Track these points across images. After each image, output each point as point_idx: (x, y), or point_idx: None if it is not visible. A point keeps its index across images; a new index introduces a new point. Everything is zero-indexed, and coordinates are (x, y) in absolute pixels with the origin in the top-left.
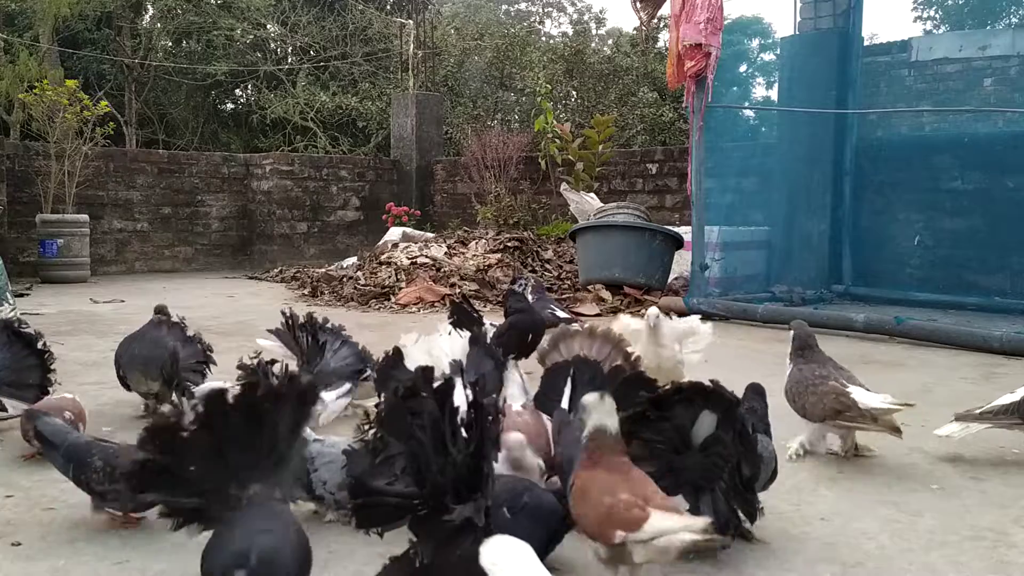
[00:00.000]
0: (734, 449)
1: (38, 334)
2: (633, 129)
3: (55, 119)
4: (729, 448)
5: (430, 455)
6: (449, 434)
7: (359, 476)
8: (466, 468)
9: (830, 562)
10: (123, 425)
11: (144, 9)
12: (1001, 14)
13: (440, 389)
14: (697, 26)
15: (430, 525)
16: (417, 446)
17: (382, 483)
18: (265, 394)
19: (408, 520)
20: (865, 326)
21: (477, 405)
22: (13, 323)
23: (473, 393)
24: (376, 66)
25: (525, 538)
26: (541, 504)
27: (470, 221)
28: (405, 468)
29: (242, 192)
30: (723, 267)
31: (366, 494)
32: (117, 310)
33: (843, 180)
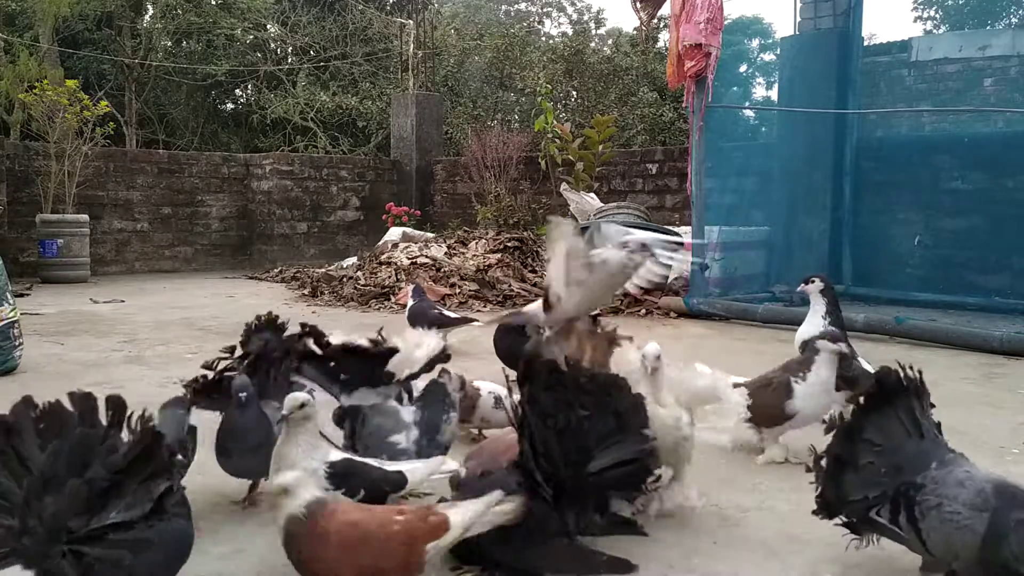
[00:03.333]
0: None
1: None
2: (633, 129)
3: (55, 119)
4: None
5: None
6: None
7: None
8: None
9: (830, 562)
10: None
11: (144, 9)
12: (1001, 14)
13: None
14: (697, 26)
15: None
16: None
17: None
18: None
19: None
20: (865, 326)
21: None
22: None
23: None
24: (376, 66)
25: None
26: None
27: (470, 221)
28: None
29: (242, 192)
30: (723, 267)
31: None
32: (117, 310)
33: (843, 180)
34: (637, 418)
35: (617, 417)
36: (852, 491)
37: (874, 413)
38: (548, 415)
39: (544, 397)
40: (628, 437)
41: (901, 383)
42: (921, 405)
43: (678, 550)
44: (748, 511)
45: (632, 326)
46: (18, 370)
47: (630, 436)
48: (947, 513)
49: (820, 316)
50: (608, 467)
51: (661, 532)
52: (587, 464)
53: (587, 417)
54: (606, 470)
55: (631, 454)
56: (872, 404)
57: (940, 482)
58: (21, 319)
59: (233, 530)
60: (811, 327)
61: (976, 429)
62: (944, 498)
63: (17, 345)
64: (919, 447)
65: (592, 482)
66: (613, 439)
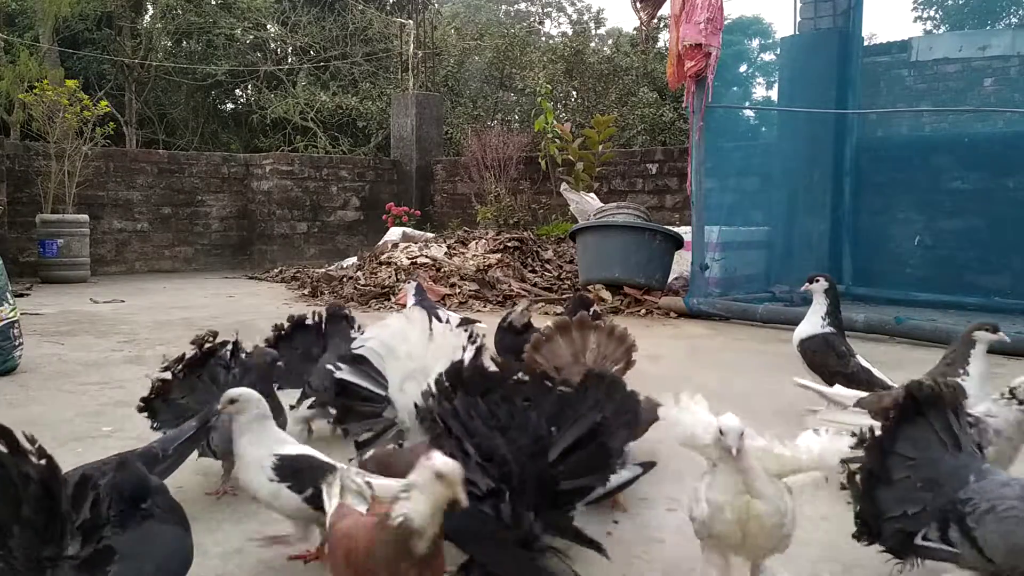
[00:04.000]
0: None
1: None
2: (633, 129)
3: (55, 119)
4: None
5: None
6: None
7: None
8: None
9: (830, 562)
10: (122, 426)
11: (144, 9)
12: (1001, 14)
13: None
14: (697, 26)
15: None
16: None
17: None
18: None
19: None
20: (865, 326)
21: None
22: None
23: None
24: (376, 66)
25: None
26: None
27: (470, 221)
28: None
29: (242, 192)
30: (723, 267)
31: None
32: (117, 310)
33: (843, 180)
34: (583, 395)
35: (561, 398)
36: (889, 507)
37: (906, 425)
38: (490, 415)
39: (481, 402)
40: (579, 413)
41: (934, 395)
42: (958, 418)
43: (678, 551)
44: None
45: (632, 326)
46: (18, 370)
47: (581, 411)
48: (1002, 512)
49: (820, 316)
50: (568, 450)
51: (661, 532)
52: (546, 453)
53: (530, 406)
54: (567, 454)
55: (587, 427)
56: (904, 416)
57: (984, 490)
58: (21, 319)
59: (233, 530)
60: (810, 326)
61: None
62: (995, 500)
63: (17, 345)
64: (957, 461)
65: (557, 472)
66: (564, 417)
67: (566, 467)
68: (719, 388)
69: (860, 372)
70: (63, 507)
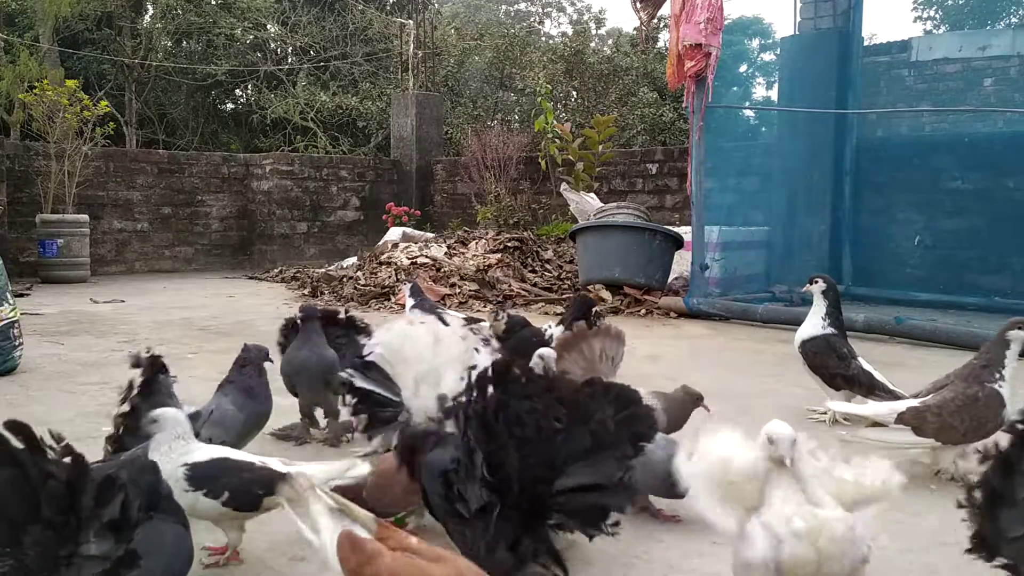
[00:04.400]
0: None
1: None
2: (633, 129)
3: (55, 119)
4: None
5: None
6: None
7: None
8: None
9: None
10: None
11: (144, 9)
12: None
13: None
14: (697, 26)
15: None
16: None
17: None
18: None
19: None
20: (865, 326)
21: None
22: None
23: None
24: (376, 66)
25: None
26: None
27: (470, 221)
28: None
29: (242, 192)
30: (723, 267)
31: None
32: (117, 310)
33: (843, 180)
34: (619, 442)
35: (594, 436)
36: (1010, 527)
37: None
38: (517, 423)
39: (515, 404)
40: (603, 459)
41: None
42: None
43: (678, 550)
44: None
45: (632, 326)
46: (18, 370)
47: (606, 458)
48: None
49: (820, 317)
50: (574, 489)
51: (661, 533)
52: (553, 481)
53: (560, 431)
54: (573, 491)
55: (604, 479)
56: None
57: None
58: (21, 319)
59: None
60: (811, 328)
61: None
62: None
63: (17, 345)
64: None
65: (553, 503)
66: (586, 459)
67: (565, 501)
68: (719, 388)
69: (861, 374)
70: (87, 505)
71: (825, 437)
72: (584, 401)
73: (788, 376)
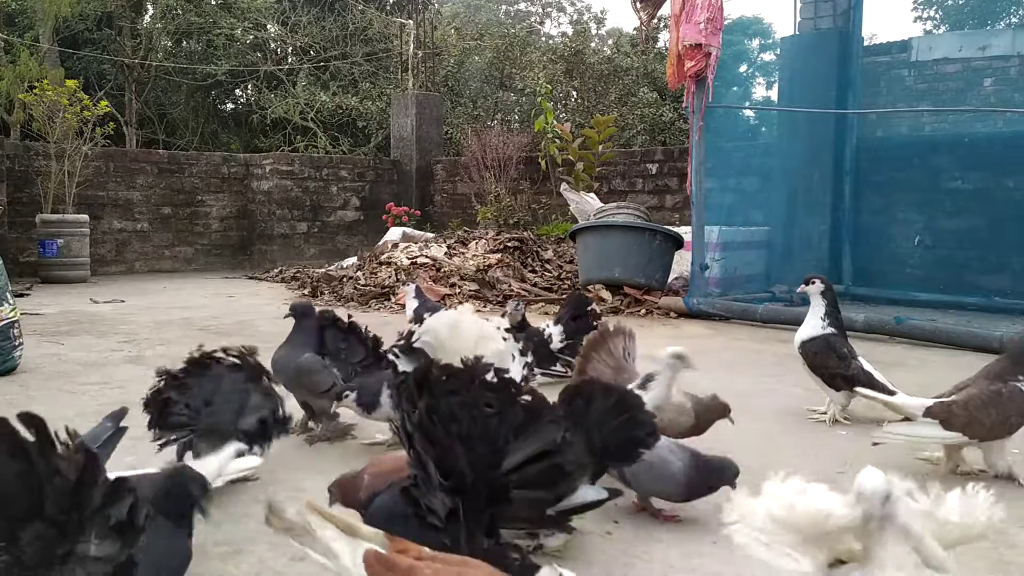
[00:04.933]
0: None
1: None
2: (633, 129)
3: (55, 119)
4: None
5: None
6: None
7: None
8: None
9: None
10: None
11: (144, 9)
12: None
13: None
14: (697, 26)
15: None
16: None
17: None
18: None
19: None
20: (865, 326)
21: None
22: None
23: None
24: (376, 66)
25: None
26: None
27: (470, 221)
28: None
29: (242, 192)
30: (723, 267)
31: None
32: (117, 310)
33: (843, 180)
34: (548, 408)
35: (527, 409)
36: None
37: None
38: (452, 420)
39: (445, 403)
40: (541, 426)
41: None
42: None
43: (678, 550)
44: None
45: (632, 326)
46: (18, 370)
47: (543, 425)
48: None
49: (819, 317)
50: (524, 462)
51: (661, 532)
52: (501, 463)
53: (495, 414)
54: (523, 466)
55: (547, 444)
56: None
57: None
58: (21, 319)
59: (233, 530)
60: (810, 328)
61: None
62: None
63: (17, 345)
64: None
65: (507, 482)
66: (526, 430)
67: (519, 478)
68: (719, 388)
69: (861, 374)
70: (93, 505)
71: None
72: (508, 380)
73: (788, 376)
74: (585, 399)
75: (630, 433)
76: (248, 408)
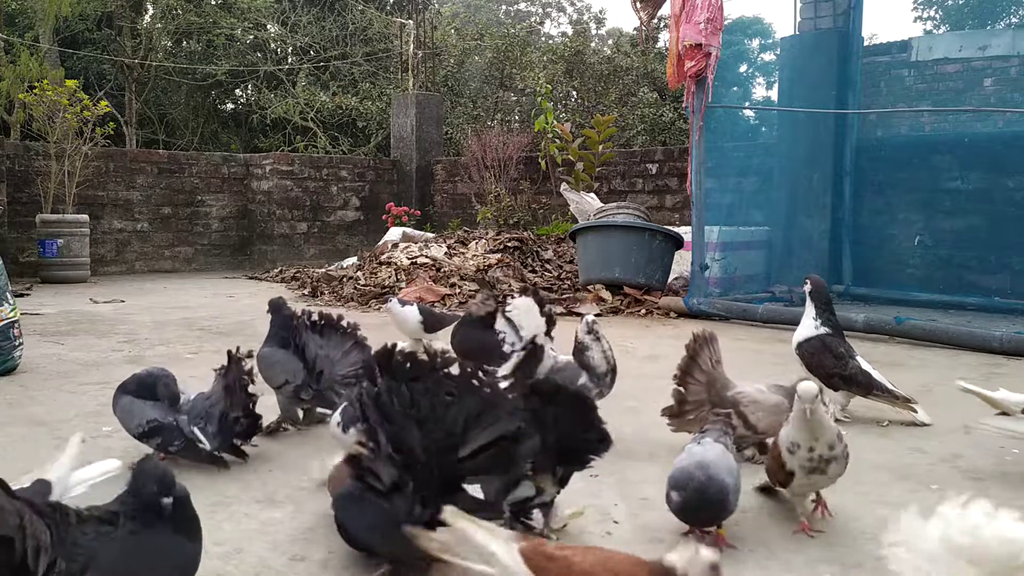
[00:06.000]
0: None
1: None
2: (633, 129)
3: (55, 119)
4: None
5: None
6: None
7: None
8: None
9: (830, 562)
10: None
11: (144, 9)
12: (1001, 14)
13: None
14: (697, 26)
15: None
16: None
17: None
18: None
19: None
20: (865, 326)
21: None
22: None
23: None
24: (376, 66)
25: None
26: None
27: (470, 221)
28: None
29: (242, 192)
30: (723, 267)
31: None
32: (117, 310)
33: (843, 180)
34: (506, 401)
35: (485, 399)
36: None
37: None
38: (411, 404)
39: (405, 388)
40: (499, 416)
41: None
42: None
43: None
44: (748, 511)
45: (632, 326)
46: (18, 370)
47: (500, 415)
48: None
49: (811, 318)
50: (479, 449)
51: (662, 533)
52: (457, 449)
53: (453, 402)
54: (477, 452)
55: (503, 432)
56: None
57: None
58: (21, 319)
59: (233, 530)
60: (805, 329)
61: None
62: None
63: (17, 345)
64: None
65: (463, 468)
66: (483, 419)
67: (472, 464)
68: None
69: (859, 374)
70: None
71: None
72: (470, 370)
73: (788, 376)
74: (541, 397)
75: (583, 436)
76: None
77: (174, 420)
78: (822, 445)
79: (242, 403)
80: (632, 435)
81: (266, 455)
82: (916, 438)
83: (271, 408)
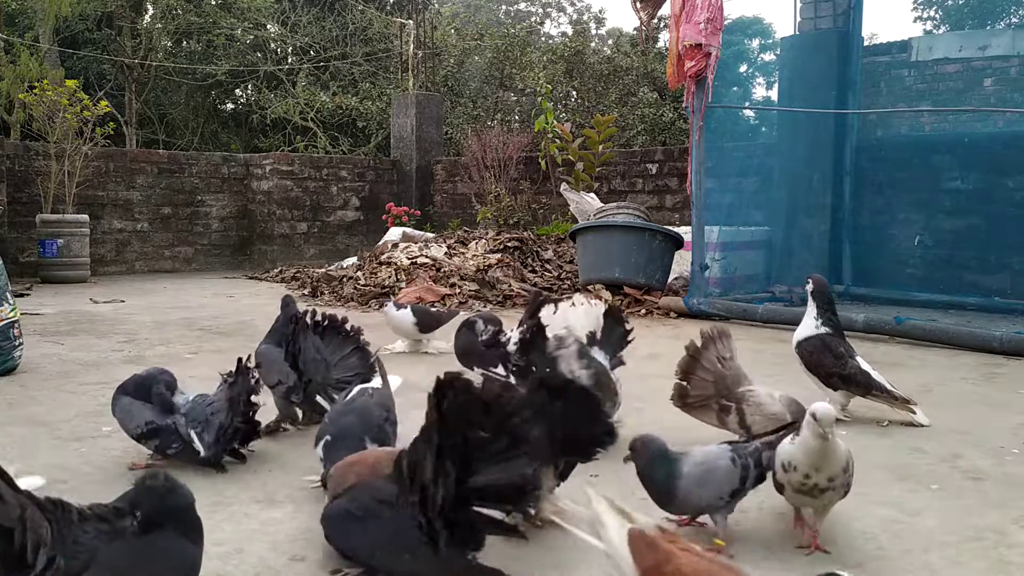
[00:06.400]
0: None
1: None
2: (633, 129)
3: (55, 119)
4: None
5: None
6: None
7: None
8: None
9: (830, 562)
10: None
11: (144, 9)
12: (1001, 14)
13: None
14: (697, 26)
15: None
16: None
17: None
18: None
19: None
20: (865, 326)
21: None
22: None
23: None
24: (376, 66)
25: None
26: None
27: (470, 221)
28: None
29: (242, 192)
30: (723, 267)
31: None
32: (117, 310)
33: (843, 180)
34: (525, 440)
35: (510, 437)
36: None
37: None
38: (465, 467)
39: (462, 442)
40: (516, 456)
41: None
42: None
43: None
44: (748, 511)
45: (638, 326)
46: (18, 370)
47: (518, 455)
48: None
49: (813, 317)
50: (486, 485)
51: None
52: (467, 481)
53: (483, 440)
54: (486, 487)
55: (516, 477)
56: None
57: None
58: (21, 319)
59: (233, 530)
60: (806, 329)
61: (976, 429)
62: None
63: (17, 345)
64: None
65: (469, 494)
66: (500, 459)
67: (480, 494)
68: None
69: (858, 374)
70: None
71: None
72: (504, 404)
73: (788, 376)
74: (550, 391)
75: (590, 429)
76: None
77: (172, 423)
78: (821, 476)
79: (243, 412)
80: (632, 435)
81: (265, 455)
82: (916, 438)
83: (271, 407)
